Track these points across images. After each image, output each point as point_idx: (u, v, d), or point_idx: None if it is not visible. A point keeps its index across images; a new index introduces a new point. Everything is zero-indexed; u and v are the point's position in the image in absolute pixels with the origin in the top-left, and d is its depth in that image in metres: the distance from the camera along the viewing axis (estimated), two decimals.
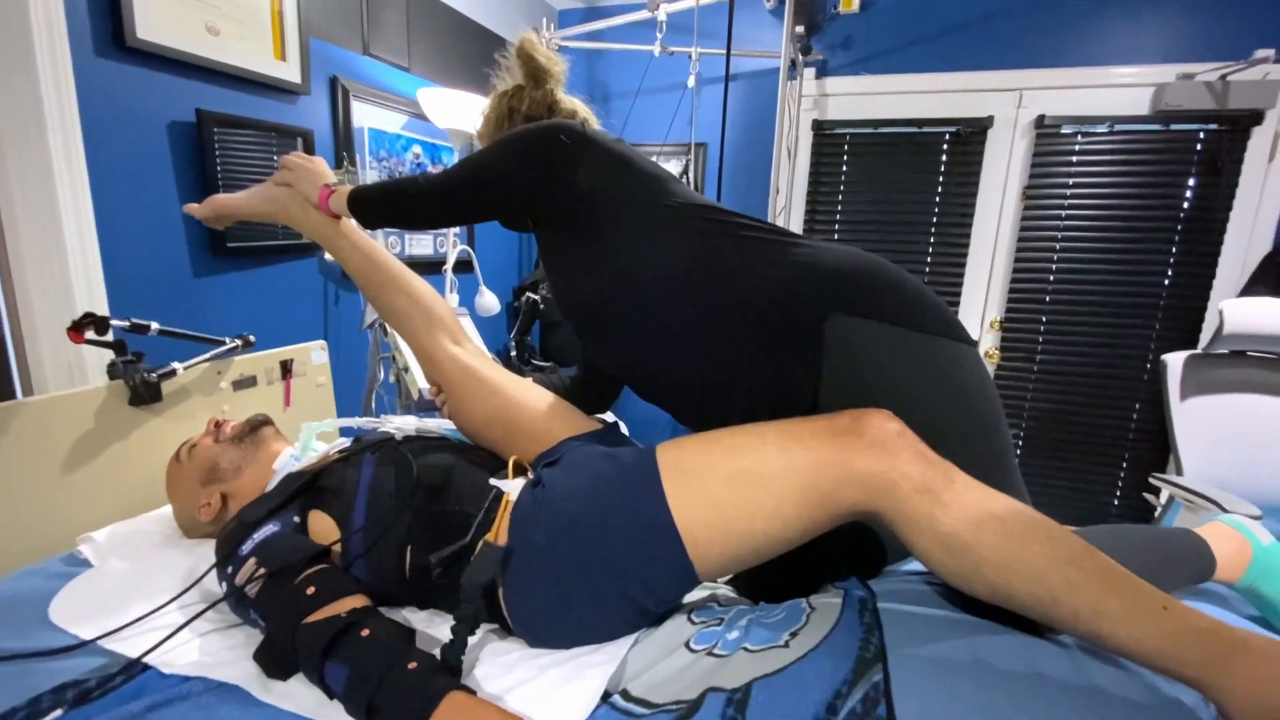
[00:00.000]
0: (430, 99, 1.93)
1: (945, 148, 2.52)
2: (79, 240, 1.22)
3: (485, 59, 1.09)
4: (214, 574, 0.86)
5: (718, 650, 0.69)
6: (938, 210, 2.56)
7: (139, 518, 1.13)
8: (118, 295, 1.31)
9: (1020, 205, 2.46)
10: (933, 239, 2.59)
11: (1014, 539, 0.61)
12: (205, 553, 0.96)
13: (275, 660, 0.71)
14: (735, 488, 0.70)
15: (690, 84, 2.43)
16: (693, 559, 0.71)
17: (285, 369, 1.53)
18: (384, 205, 0.98)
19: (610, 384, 1.13)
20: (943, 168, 2.53)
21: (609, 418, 1.12)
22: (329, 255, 1.10)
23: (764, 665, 0.64)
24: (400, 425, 1.07)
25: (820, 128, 2.63)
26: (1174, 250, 2.32)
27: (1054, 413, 2.53)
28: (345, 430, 1.46)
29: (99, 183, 1.26)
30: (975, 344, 0.82)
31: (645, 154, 0.95)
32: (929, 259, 2.61)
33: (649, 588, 0.73)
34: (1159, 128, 2.27)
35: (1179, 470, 1.86)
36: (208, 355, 1.31)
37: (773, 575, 0.84)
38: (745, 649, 0.67)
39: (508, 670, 0.72)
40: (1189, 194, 2.28)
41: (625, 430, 1.08)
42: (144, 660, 0.73)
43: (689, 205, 0.88)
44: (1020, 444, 2.58)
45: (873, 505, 0.66)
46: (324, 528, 0.87)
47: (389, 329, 1.72)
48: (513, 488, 0.84)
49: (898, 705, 0.56)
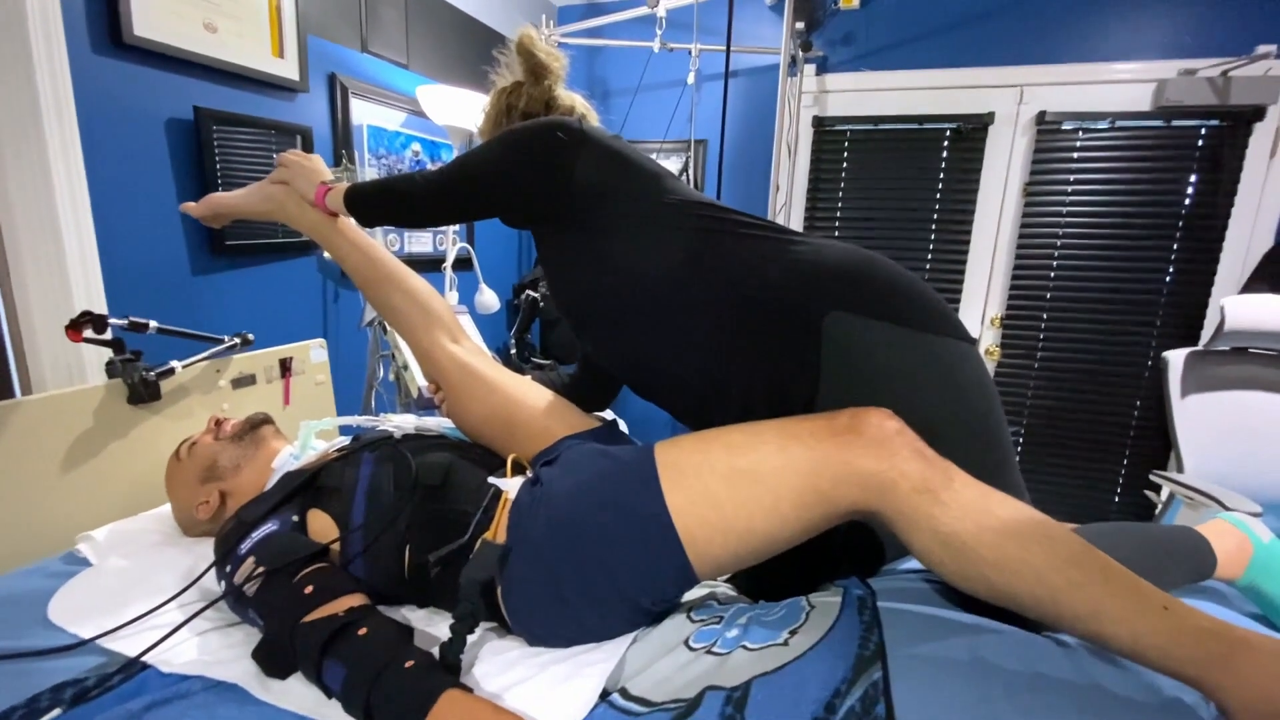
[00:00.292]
0: (429, 96, 1.92)
1: (946, 144, 2.51)
2: (77, 238, 1.22)
3: (485, 56, 1.08)
4: (213, 573, 0.86)
5: (717, 648, 0.69)
6: (938, 207, 2.55)
7: (138, 516, 1.13)
8: (116, 293, 1.31)
9: (1021, 202, 2.46)
10: (933, 236, 2.58)
11: (1013, 538, 0.61)
12: (204, 551, 0.96)
13: (274, 659, 0.71)
14: (734, 486, 0.70)
15: (690, 80, 2.42)
16: (691, 558, 0.70)
17: (284, 367, 1.53)
18: (380, 203, 0.97)
19: (609, 382, 1.13)
20: (943, 164, 2.53)
21: (608, 415, 1.12)
22: (327, 253, 1.09)
23: (763, 663, 0.63)
24: (399, 423, 1.07)
25: (820, 124, 2.62)
26: (1175, 247, 2.32)
27: (1054, 410, 2.52)
28: (344, 428, 1.46)
29: (97, 181, 1.26)
30: (974, 342, 0.81)
31: (645, 151, 0.95)
32: (929, 256, 2.60)
33: (647, 586, 0.73)
34: (1160, 124, 2.26)
35: (1180, 467, 1.86)
36: (206, 354, 1.31)
37: (772, 573, 0.84)
38: (744, 647, 0.67)
39: (507, 668, 0.72)
40: (1190, 190, 2.27)
41: (624, 428, 1.07)
42: (143, 659, 0.73)
43: (686, 202, 0.87)
44: (1020, 441, 2.58)
45: (871, 504, 0.66)
46: (323, 526, 0.87)
47: (388, 327, 1.72)
48: (511, 486, 0.84)
49: (897, 704, 0.56)
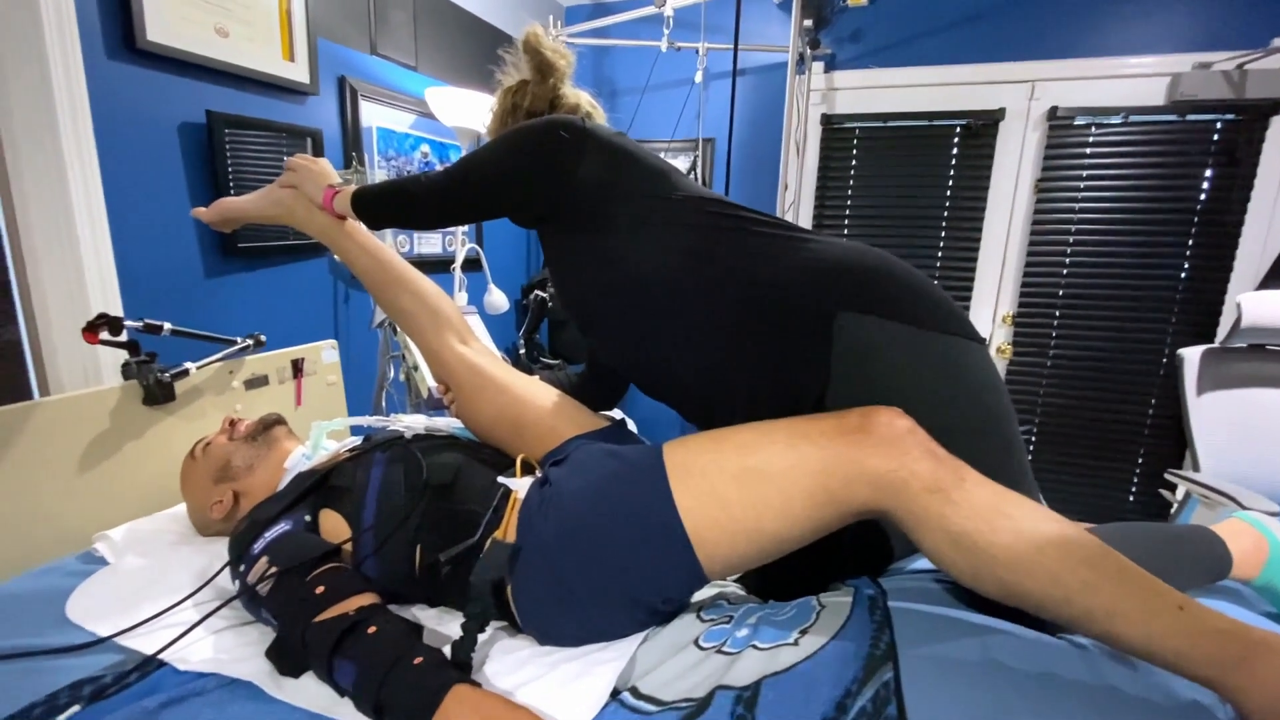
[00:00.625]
0: (438, 98, 1.93)
1: (956, 141, 2.49)
2: (93, 242, 1.24)
3: (493, 57, 1.09)
4: (228, 572, 0.87)
5: (727, 648, 0.69)
6: (949, 204, 2.53)
7: (154, 516, 1.14)
8: (131, 296, 1.33)
9: (1033, 198, 2.43)
10: (944, 233, 2.56)
11: (1026, 538, 0.60)
12: (219, 551, 0.97)
13: (287, 658, 0.72)
14: (743, 486, 0.69)
15: (698, 79, 2.42)
16: (700, 558, 0.70)
17: (296, 368, 1.54)
18: (386, 205, 0.98)
19: (617, 381, 1.13)
20: (953, 161, 2.51)
21: (616, 415, 1.12)
22: (336, 256, 1.10)
23: (773, 663, 0.63)
24: (409, 424, 1.08)
25: (829, 122, 2.61)
26: (1190, 243, 2.29)
27: (1067, 408, 2.50)
28: (355, 429, 1.47)
29: (111, 184, 1.27)
30: (984, 341, 0.81)
31: (652, 150, 0.95)
32: (940, 253, 2.58)
33: (656, 587, 0.73)
34: (1175, 118, 2.23)
35: (1196, 466, 1.84)
36: (220, 355, 1.33)
37: (782, 573, 0.84)
38: (754, 647, 0.67)
39: (518, 667, 0.72)
40: (1206, 185, 2.24)
41: (633, 427, 1.07)
42: (159, 657, 0.74)
43: (693, 199, 0.87)
44: (1033, 440, 2.56)
45: (882, 504, 0.66)
46: (335, 526, 0.88)
47: (398, 328, 1.73)
48: (520, 486, 0.85)
49: (909, 704, 0.55)
